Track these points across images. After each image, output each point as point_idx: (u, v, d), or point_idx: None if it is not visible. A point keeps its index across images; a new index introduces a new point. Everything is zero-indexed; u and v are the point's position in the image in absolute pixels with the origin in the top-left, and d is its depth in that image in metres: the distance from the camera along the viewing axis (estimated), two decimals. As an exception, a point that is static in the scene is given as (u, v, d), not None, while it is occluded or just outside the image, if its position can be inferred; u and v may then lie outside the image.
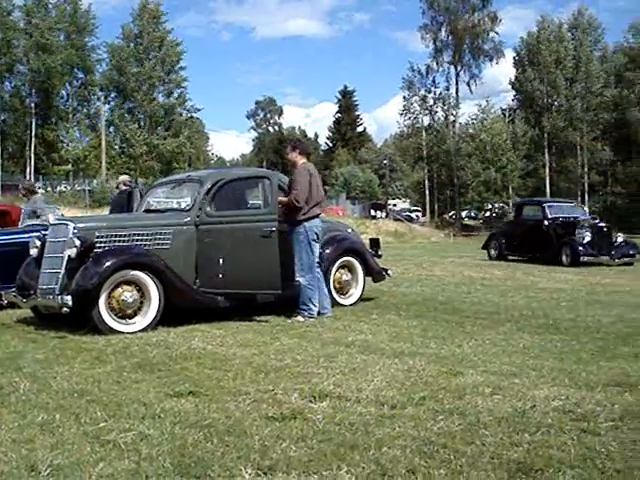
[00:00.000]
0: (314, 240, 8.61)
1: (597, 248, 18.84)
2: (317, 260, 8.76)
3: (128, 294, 7.65)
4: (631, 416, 4.24)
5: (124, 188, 12.43)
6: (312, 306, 8.55)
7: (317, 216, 8.70)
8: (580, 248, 18.67)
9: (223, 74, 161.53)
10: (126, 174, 19.82)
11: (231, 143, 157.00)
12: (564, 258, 18.82)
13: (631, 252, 19.61)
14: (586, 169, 69.69)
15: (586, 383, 5.09)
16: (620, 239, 19.94)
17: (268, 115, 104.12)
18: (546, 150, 69.91)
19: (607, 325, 8.09)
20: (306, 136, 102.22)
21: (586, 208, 22.04)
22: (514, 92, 74.83)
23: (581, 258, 18.38)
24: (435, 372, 5.46)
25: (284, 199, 8.64)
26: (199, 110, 66.64)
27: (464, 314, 9.04)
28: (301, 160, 8.90)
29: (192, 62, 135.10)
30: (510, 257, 21.26)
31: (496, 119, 67.93)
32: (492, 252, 22.27)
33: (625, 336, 7.27)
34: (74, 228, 7.88)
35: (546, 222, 19.95)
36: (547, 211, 20.27)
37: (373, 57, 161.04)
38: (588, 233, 18.95)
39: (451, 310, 9.46)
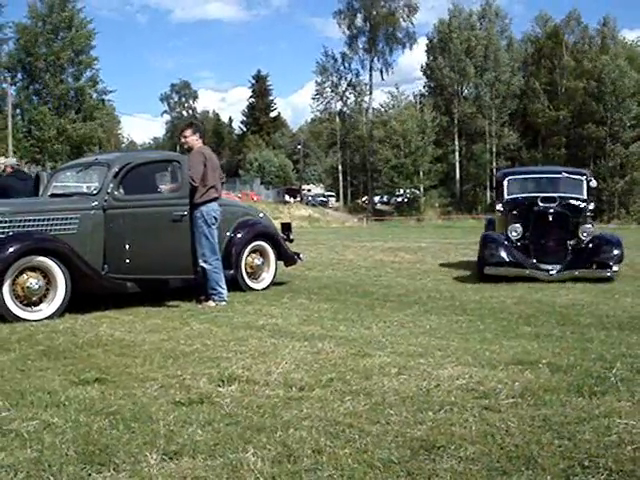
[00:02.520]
0: (212, 224, 8.55)
1: (536, 252, 11.09)
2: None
3: (33, 281, 7.45)
4: (530, 393, 4.37)
5: (9, 171, 11.96)
6: (221, 290, 8.51)
7: (214, 200, 8.62)
8: (491, 253, 10.96)
9: (138, 57, 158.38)
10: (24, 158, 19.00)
11: (144, 126, 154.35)
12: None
13: (602, 258, 10.96)
14: (494, 154, 71.47)
15: (489, 362, 5.23)
16: (586, 234, 11.16)
17: (183, 99, 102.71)
18: (456, 136, 71.38)
19: (511, 306, 8.32)
20: (219, 120, 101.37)
21: (583, 182, 12.17)
22: (425, 79, 76.12)
23: (486, 269, 10.84)
24: (343, 354, 5.53)
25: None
26: (111, 92, 65.00)
27: (374, 297, 9.18)
28: (198, 144, 8.83)
29: (105, 44, 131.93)
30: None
31: (407, 105, 68.89)
32: None
33: (527, 316, 7.49)
34: (-25, 213, 7.61)
35: (499, 207, 12.58)
36: (505, 189, 12.51)
37: (290, 42, 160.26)
38: (519, 227, 11.19)
39: (361, 293, 9.58)
